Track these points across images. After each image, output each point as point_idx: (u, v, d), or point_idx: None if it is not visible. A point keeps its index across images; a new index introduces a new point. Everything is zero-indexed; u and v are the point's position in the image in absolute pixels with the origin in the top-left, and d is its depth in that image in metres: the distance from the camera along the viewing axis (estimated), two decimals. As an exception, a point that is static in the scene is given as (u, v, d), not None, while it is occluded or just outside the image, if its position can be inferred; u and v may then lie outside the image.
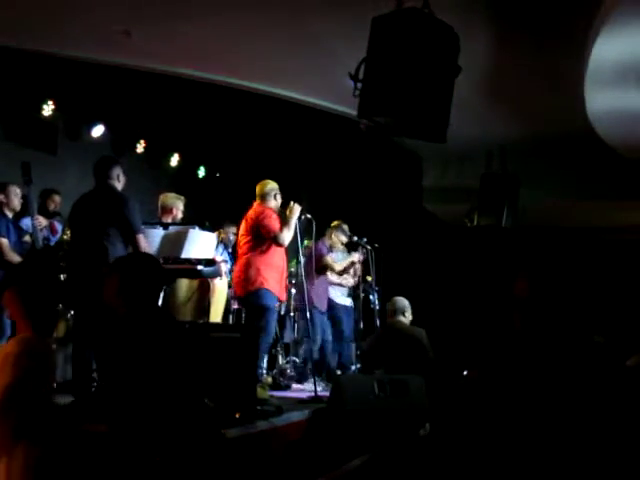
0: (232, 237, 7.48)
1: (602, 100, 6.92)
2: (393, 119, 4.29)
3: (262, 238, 6.09)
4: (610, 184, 9.14)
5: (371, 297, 8.11)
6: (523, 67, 6.71)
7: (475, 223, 8.57)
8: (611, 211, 9.96)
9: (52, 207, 6.59)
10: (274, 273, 6.13)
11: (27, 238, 6.05)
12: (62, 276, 5.89)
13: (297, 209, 6.11)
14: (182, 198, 6.37)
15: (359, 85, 4.13)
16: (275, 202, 6.26)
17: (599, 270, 11.05)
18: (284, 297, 6.68)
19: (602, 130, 7.75)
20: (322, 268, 7.36)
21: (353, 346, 7.95)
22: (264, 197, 6.26)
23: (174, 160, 9.92)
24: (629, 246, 10.91)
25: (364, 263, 7.87)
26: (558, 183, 9.33)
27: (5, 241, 5.65)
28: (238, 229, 6.68)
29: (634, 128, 7.60)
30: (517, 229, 8.67)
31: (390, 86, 4.06)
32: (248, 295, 6.12)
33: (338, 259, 7.74)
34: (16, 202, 5.82)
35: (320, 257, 7.33)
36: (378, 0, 4.07)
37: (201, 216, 7.73)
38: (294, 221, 6.09)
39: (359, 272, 7.91)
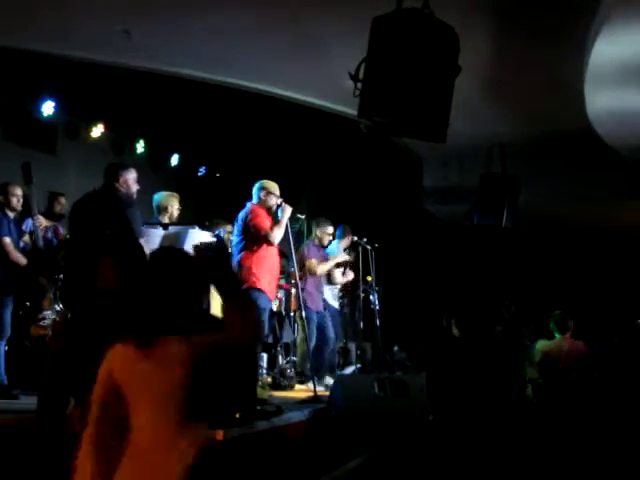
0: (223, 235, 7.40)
1: (602, 100, 6.92)
2: (393, 119, 4.29)
3: (253, 237, 6.10)
4: (610, 184, 9.13)
5: (371, 297, 8.08)
6: (523, 67, 6.71)
7: (475, 223, 8.56)
8: (611, 211, 9.95)
9: (58, 209, 6.60)
10: (266, 273, 6.12)
11: (26, 238, 6.05)
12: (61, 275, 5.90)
13: (288, 209, 6.14)
14: (176, 195, 6.33)
15: (359, 85, 4.13)
16: (265, 200, 6.25)
17: (599, 269, 11.07)
18: (273, 297, 6.66)
19: (602, 130, 7.75)
20: (304, 269, 7.20)
21: (353, 346, 7.92)
22: (254, 196, 6.29)
23: (174, 160, 9.91)
24: (629, 246, 10.92)
25: (364, 263, 7.81)
26: (558, 183, 9.32)
27: (10, 240, 5.64)
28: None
29: (634, 128, 7.60)
30: (517, 229, 8.67)
31: (390, 86, 4.06)
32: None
33: (333, 252, 7.66)
34: (15, 202, 5.81)
35: (302, 259, 7.22)
36: (378, 0, 4.08)
37: (201, 216, 7.71)
38: (285, 220, 6.12)
39: (349, 272, 7.78)
